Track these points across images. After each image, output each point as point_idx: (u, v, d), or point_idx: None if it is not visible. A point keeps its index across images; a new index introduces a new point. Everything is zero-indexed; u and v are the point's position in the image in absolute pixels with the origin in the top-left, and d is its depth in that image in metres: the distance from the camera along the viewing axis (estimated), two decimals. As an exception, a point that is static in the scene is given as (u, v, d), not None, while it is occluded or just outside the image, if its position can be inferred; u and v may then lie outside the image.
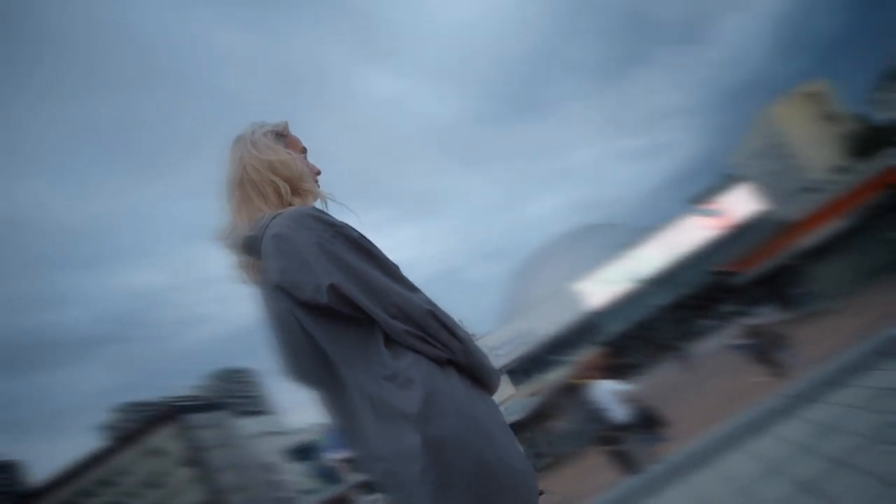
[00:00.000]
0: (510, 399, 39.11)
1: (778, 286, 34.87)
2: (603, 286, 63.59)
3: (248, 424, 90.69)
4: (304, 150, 1.88)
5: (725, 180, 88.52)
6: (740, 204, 62.59)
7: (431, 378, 1.46)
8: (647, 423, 11.56)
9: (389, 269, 1.55)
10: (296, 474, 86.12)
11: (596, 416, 11.59)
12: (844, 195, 30.10)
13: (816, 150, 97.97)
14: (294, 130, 1.88)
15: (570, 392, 30.79)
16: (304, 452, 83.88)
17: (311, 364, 1.57)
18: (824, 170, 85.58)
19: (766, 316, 22.79)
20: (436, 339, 1.51)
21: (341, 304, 1.48)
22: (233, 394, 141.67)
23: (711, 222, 63.11)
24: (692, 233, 63.13)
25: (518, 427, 26.88)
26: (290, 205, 1.68)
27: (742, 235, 54.04)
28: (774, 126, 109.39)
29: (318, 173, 1.86)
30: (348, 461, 68.04)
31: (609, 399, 11.40)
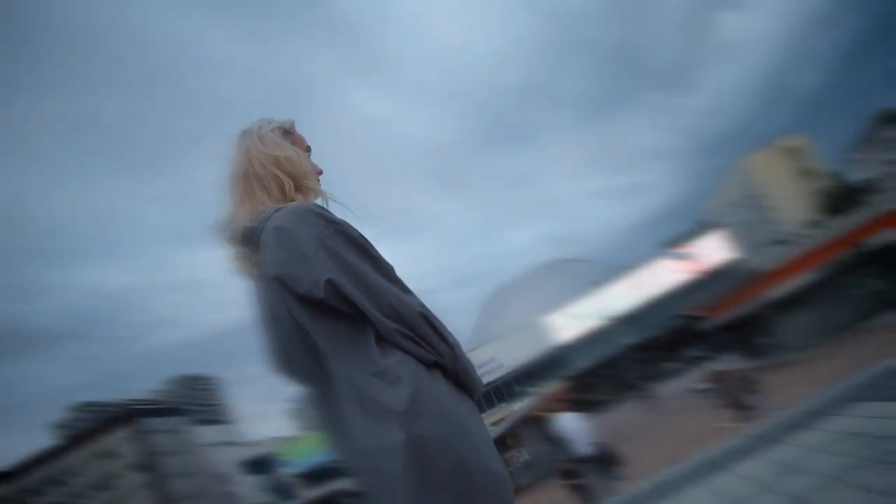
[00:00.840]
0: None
1: (745, 334, 35.19)
2: (572, 321, 63.89)
3: (206, 433, 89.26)
4: (308, 149, 1.92)
5: (700, 226, 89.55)
6: (713, 250, 63.37)
7: (419, 378, 1.49)
8: (606, 460, 11.60)
9: (385, 270, 1.59)
10: (250, 487, 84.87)
11: (558, 447, 11.60)
12: (815, 250, 30.57)
13: (791, 204, 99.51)
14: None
15: (533, 423, 30.79)
16: (259, 465, 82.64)
17: (301, 358, 1.59)
18: (797, 223, 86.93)
19: (731, 363, 22.92)
20: (425, 340, 1.55)
21: (337, 300, 1.50)
22: (192, 400, 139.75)
23: (683, 266, 63.77)
24: (664, 275, 63.73)
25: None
26: (293, 200, 1.72)
27: (713, 281, 54.64)
28: (751, 177, 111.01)
29: (321, 173, 1.90)
30: (303, 477, 67.44)
31: (572, 432, 11.43)
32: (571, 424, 11.54)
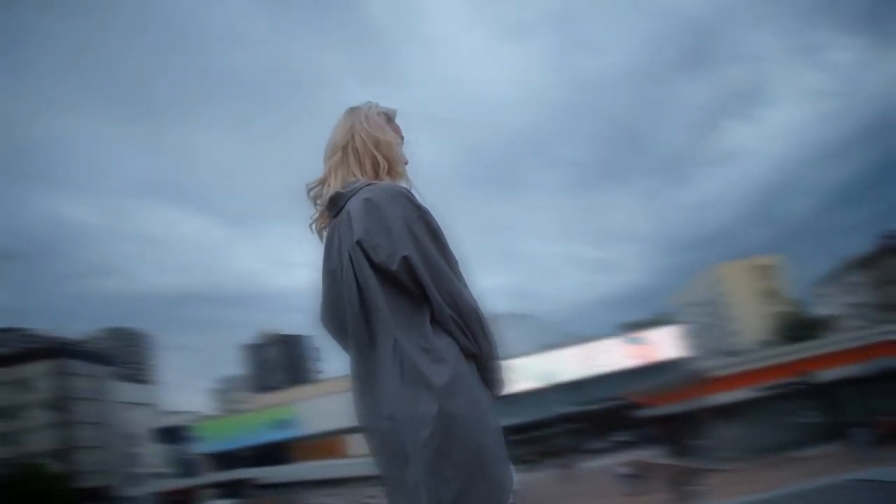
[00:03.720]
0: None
1: (675, 431, 35.62)
2: (513, 376, 63.87)
3: (125, 389, 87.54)
4: (402, 139, 2.12)
5: (659, 317, 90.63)
6: (665, 343, 64.03)
7: (460, 363, 1.69)
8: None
9: (452, 262, 1.79)
10: (155, 454, 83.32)
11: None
12: (762, 369, 31.18)
13: (750, 319, 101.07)
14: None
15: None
16: (170, 435, 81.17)
17: (354, 319, 1.78)
18: (751, 339, 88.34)
19: (655, 455, 23.17)
20: (472, 333, 1.74)
21: (406, 276, 1.70)
22: (120, 354, 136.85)
23: (634, 351, 64.32)
24: (612, 354, 64.14)
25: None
26: (381, 180, 1.92)
27: (658, 373, 55.08)
28: (719, 285, 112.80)
29: (407, 163, 2.08)
30: (210, 457, 66.34)
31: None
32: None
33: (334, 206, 1.90)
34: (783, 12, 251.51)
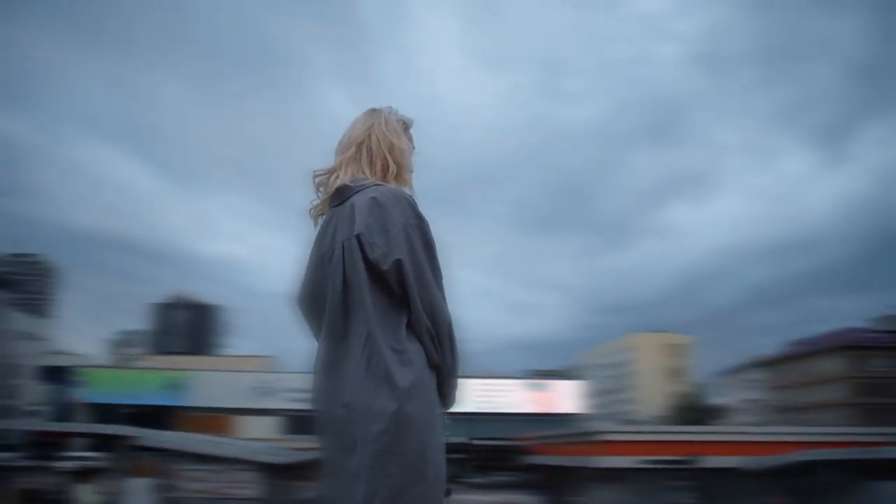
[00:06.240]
0: (277, 442, 38.48)
1: (556, 483, 36.07)
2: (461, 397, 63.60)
3: (20, 319, 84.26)
4: (413, 149, 2.26)
5: (566, 370, 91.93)
6: (567, 396, 64.77)
7: (425, 370, 1.82)
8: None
9: (438, 276, 1.93)
10: (33, 391, 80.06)
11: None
12: (651, 441, 31.95)
13: (651, 392, 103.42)
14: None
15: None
16: (54, 375, 77.99)
17: (333, 307, 1.90)
18: (648, 411, 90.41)
19: (530, 502, 23.24)
20: (441, 346, 1.88)
21: (394, 278, 1.83)
22: (23, 282, 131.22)
23: (532, 397, 64.83)
24: (513, 396, 64.54)
25: (280, 470, 26.42)
26: (388, 183, 2.07)
27: (553, 423, 55.70)
28: (630, 352, 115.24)
29: (412, 171, 2.23)
30: (91, 407, 64.07)
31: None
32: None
33: (339, 196, 2.03)
34: (748, 111, 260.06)
